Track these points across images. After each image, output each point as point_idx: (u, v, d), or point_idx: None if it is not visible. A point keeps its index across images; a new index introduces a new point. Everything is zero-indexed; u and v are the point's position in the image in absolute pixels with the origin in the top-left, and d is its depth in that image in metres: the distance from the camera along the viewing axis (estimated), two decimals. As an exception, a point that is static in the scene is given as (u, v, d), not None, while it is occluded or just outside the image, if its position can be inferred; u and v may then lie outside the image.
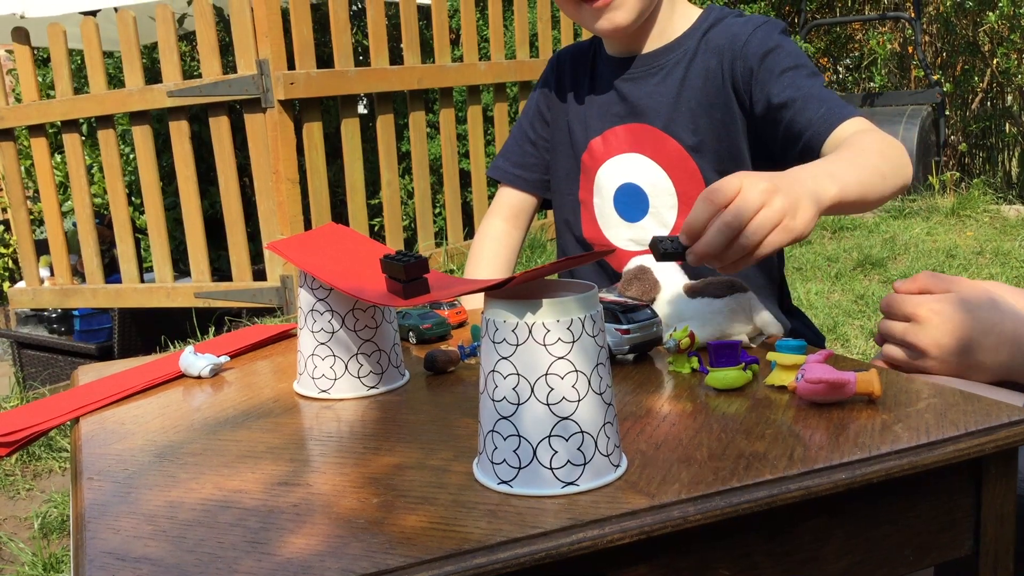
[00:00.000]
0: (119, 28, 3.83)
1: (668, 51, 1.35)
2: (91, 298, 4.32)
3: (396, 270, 0.90)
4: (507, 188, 1.53)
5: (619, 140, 1.37)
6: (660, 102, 1.33)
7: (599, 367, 0.71)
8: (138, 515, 0.71)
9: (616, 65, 1.39)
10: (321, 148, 3.83)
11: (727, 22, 1.33)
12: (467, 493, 0.70)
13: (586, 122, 1.41)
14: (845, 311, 3.41)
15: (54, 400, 1.02)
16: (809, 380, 0.83)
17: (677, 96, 1.32)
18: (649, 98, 1.34)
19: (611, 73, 1.39)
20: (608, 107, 1.38)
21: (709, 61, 1.30)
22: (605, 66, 1.41)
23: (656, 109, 1.33)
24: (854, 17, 6.22)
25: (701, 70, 1.31)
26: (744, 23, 1.31)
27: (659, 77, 1.34)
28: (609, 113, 1.38)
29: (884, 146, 1.11)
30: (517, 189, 1.52)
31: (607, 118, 1.38)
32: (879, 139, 1.12)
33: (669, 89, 1.33)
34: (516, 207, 1.53)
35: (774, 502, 0.69)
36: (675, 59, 1.34)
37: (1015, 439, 0.77)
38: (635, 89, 1.36)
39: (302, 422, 0.90)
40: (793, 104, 1.21)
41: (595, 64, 1.43)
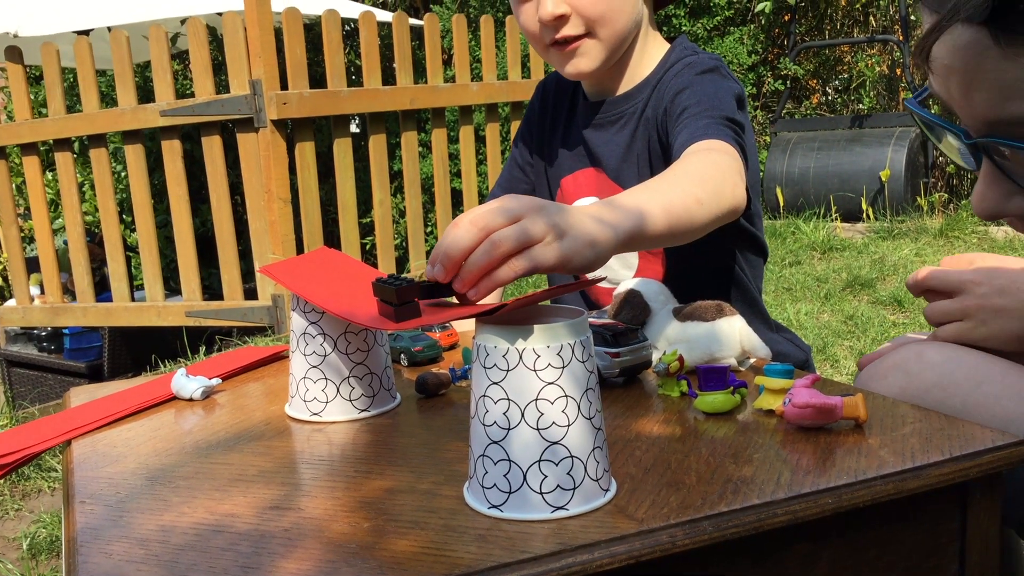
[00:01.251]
0: (112, 47, 3.85)
1: (630, 98, 1.35)
2: (81, 316, 4.31)
3: (387, 293, 0.90)
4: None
5: (587, 182, 1.40)
6: (613, 152, 1.35)
7: (589, 392, 0.72)
8: (130, 539, 0.71)
9: (588, 110, 1.40)
10: (313, 168, 3.84)
11: (678, 66, 1.31)
12: (457, 517, 0.71)
13: (558, 162, 1.43)
14: (834, 331, 3.42)
15: (46, 422, 1.03)
16: (796, 404, 0.84)
17: (628, 146, 1.34)
18: (605, 146, 1.36)
19: (582, 117, 1.41)
20: (577, 149, 1.41)
21: (657, 111, 1.30)
22: (581, 108, 1.42)
23: (608, 158, 1.36)
24: (843, 40, 6.28)
25: (651, 119, 1.31)
26: (684, 67, 1.30)
27: (617, 126, 1.35)
28: (578, 155, 1.41)
29: (706, 169, 1.06)
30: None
31: (576, 160, 1.41)
32: (705, 162, 1.07)
33: (622, 139, 1.34)
34: None
35: (761, 527, 0.70)
36: (632, 108, 1.34)
37: (999, 463, 0.78)
38: (596, 136, 1.38)
39: (294, 445, 0.90)
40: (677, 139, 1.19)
41: (574, 102, 1.44)
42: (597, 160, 1.38)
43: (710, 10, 5.55)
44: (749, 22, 5.99)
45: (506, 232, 0.75)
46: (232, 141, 3.87)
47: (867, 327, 3.42)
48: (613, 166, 1.35)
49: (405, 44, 4.19)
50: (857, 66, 6.11)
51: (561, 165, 1.42)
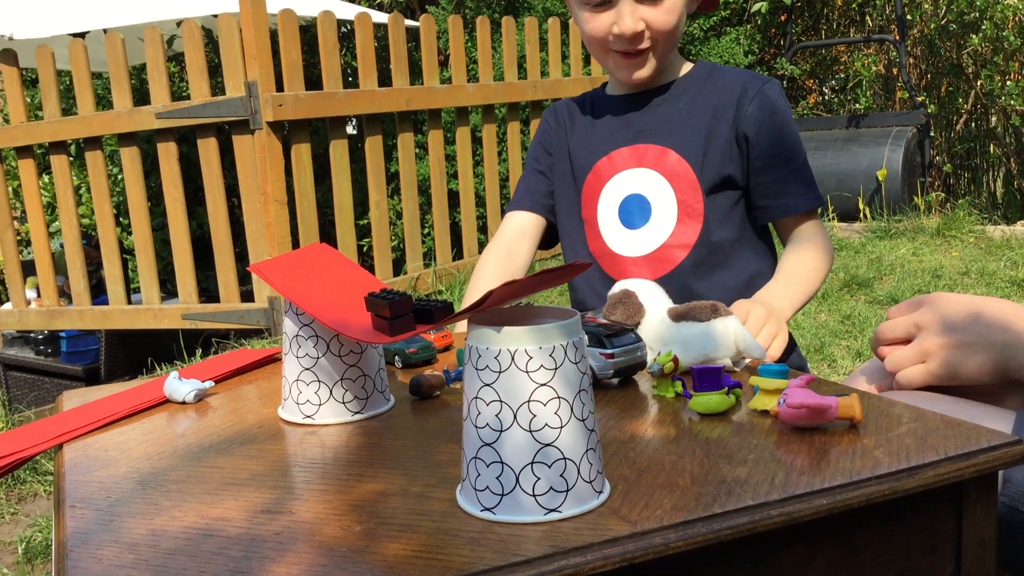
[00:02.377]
0: (107, 50, 3.84)
1: (671, 88, 1.49)
2: (78, 320, 4.31)
3: (380, 308, 0.91)
4: (513, 213, 1.60)
5: (624, 159, 1.48)
6: (667, 124, 1.46)
7: (581, 393, 0.71)
8: (120, 544, 0.70)
9: (621, 100, 1.52)
10: (309, 169, 3.84)
11: (728, 69, 1.51)
12: (450, 520, 0.70)
13: (590, 147, 1.51)
14: (832, 331, 3.42)
15: (38, 426, 1.02)
16: (791, 405, 0.84)
17: (683, 121, 1.45)
18: (656, 121, 1.47)
19: (616, 105, 1.52)
20: (613, 132, 1.50)
21: (718, 100, 1.44)
22: (608, 103, 1.53)
23: (663, 129, 1.46)
24: (839, 40, 6.28)
25: (709, 105, 1.44)
26: (752, 75, 1.47)
27: (665, 105, 1.48)
28: (615, 137, 1.49)
29: (821, 262, 1.41)
30: (522, 210, 1.58)
31: (612, 141, 1.49)
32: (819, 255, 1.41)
33: (676, 114, 1.46)
34: (520, 228, 1.58)
35: (756, 528, 0.69)
36: (677, 92, 1.48)
37: (995, 463, 0.78)
38: (642, 115, 1.49)
39: (286, 448, 0.90)
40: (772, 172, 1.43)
41: (595, 104, 1.56)
42: (648, 133, 1.47)
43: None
44: (746, 22, 5.98)
45: None
46: (228, 143, 3.86)
47: (864, 327, 3.42)
48: (670, 135, 1.45)
49: (401, 45, 4.19)
50: (854, 66, 6.11)
51: (593, 151, 1.51)
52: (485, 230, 4.83)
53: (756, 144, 1.42)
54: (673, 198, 1.44)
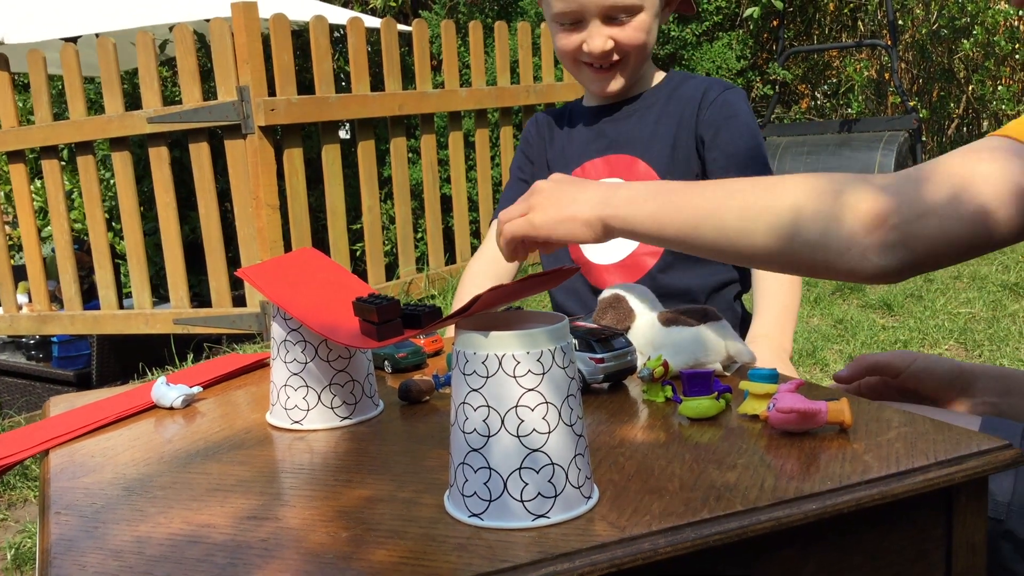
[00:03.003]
0: (99, 55, 3.83)
1: (643, 99, 1.53)
2: (69, 324, 4.29)
3: (368, 313, 0.90)
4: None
5: (597, 170, 1.51)
6: (637, 135, 1.50)
7: (569, 398, 0.71)
8: (105, 550, 0.70)
9: (595, 111, 1.56)
10: (302, 174, 3.83)
11: (697, 78, 1.53)
12: (438, 526, 0.70)
13: (566, 158, 1.55)
14: (824, 335, 3.42)
15: (25, 431, 1.01)
16: (780, 409, 0.84)
17: (652, 131, 1.49)
18: (627, 132, 1.51)
19: (591, 117, 1.56)
20: (587, 143, 1.54)
21: (682, 109, 1.48)
22: (583, 114, 1.58)
23: (634, 140, 1.50)
24: (831, 44, 6.30)
25: (675, 114, 1.48)
26: (716, 82, 1.49)
27: (635, 116, 1.51)
28: (589, 148, 1.53)
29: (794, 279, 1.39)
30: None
31: (586, 152, 1.53)
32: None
33: (645, 124, 1.50)
34: None
35: (745, 533, 0.69)
36: (648, 103, 1.52)
37: (985, 468, 0.78)
38: (615, 126, 1.52)
39: (274, 454, 0.89)
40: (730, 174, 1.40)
41: (572, 116, 1.60)
42: (620, 145, 1.51)
43: (699, 16, 5.57)
44: (738, 27, 6.00)
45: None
46: (220, 148, 3.85)
47: (856, 331, 3.43)
48: (640, 146, 1.48)
49: (394, 50, 4.18)
50: (846, 71, 6.13)
51: (569, 160, 1.55)
52: (478, 235, 4.83)
53: (712, 147, 1.43)
54: None
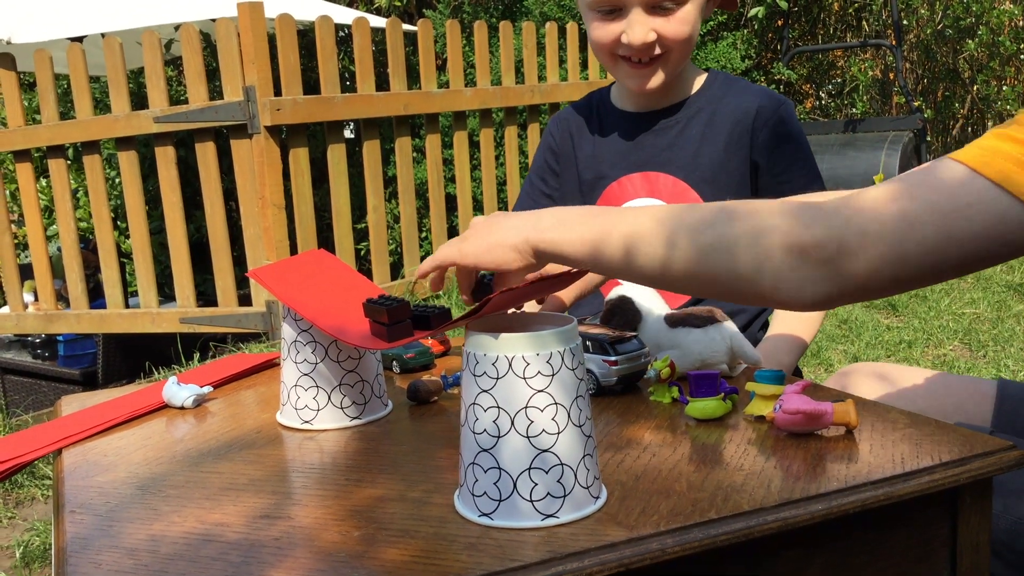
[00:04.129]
0: (105, 54, 3.84)
1: (682, 107, 1.42)
2: (75, 323, 4.30)
3: (378, 314, 0.91)
4: None
5: (635, 186, 1.42)
6: (680, 152, 1.40)
7: (578, 399, 0.72)
8: (120, 549, 0.71)
9: (631, 118, 1.45)
10: (307, 174, 3.84)
11: (742, 86, 1.42)
12: (448, 526, 0.71)
13: (598, 169, 1.46)
14: (829, 336, 3.43)
15: (37, 431, 1.02)
16: (787, 411, 0.84)
17: (697, 148, 1.39)
18: (668, 146, 1.41)
19: (626, 125, 1.45)
20: (624, 156, 1.44)
21: (731, 127, 1.38)
22: (617, 118, 1.47)
23: (676, 157, 1.40)
24: (836, 44, 6.29)
25: (722, 132, 1.38)
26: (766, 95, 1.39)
27: (676, 130, 1.41)
28: (625, 161, 1.43)
29: None
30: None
31: (622, 165, 1.43)
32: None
33: (688, 141, 1.40)
34: None
35: (751, 533, 0.70)
36: (690, 114, 1.41)
37: (989, 469, 0.78)
38: (654, 138, 1.42)
39: (285, 453, 0.90)
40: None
41: (602, 117, 1.49)
42: (661, 163, 1.41)
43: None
44: (742, 27, 6.00)
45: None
46: (226, 147, 3.86)
47: (861, 331, 3.43)
48: (684, 168, 1.39)
49: (399, 50, 4.19)
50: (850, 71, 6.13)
51: (602, 174, 1.45)
52: (483, 234, 4.83)
53: (767, 171, 1.37)
54: None
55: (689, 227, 0.85)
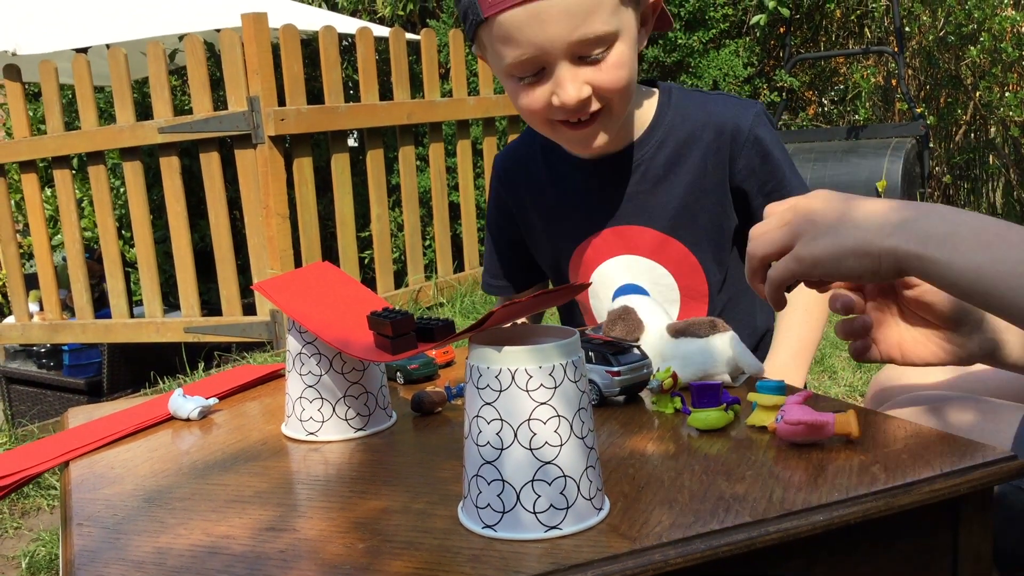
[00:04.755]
0: (110, 66, 3.86)
1: (642, 145, 1.29)
2: (80, 333, 4.32)
3: (383, 327, 0.92)
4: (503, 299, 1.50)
5: (609, 245, 1.32)
6: (649, 198, 1.29)
7: (581, 412, 0.72)
8: (127, 562, 0.71)
9: (585, 168, 1.31)
10: (311, 183, 3.85)
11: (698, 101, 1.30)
12: (452, 537, 0.71)
13: (563, 230, 1.35)
14: (832, 343, 3.43)
15: (45, 443, 1.03)
16: (788, 421, 0.85)
17: (667, 190, 1.28)
18: (637, 198, 1.29)
19: (583, 176, 1.32)
20: (590, 211, 1.32)
21: (705, 157, 1.27)
22: (570, 168, 1.33)
23: (647, 205, 1.29)
24: (838, 51, 6.30)
25: (691, 161, 1.28)
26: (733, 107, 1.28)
27: (638, 175, 1.29)
28: (593, 217, 1.32)
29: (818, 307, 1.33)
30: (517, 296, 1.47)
31: (591, 222, 1.32)
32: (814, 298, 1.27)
33: (654, 182, 1.29)
34: None
35: (754, 544, 0.70)
36: (648, 154, 1.29)
37: (990, 479, 0.79)
38: (616, 192, 1.30)
39: (290, 465, 0.91)
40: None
41: (552, 165, 1.35)
42: (631, 215, 1.30)
43: (705, 23, 5.58)
44: (744, 35, 6.01)
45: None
46: (230, 157, 3.88)
47: (865, 338, 3.43)
48: (660, 219, 1.29)
49: (402, 59, 4.21)
50: (853, 77, 6.13)
51: (570, 235, 1.34)
52: (486, 242, 4.85)
53: (758, 193, 1.27)
54: (675, 285, 1.32)
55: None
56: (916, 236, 0.76)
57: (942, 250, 0.75)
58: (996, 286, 0.73)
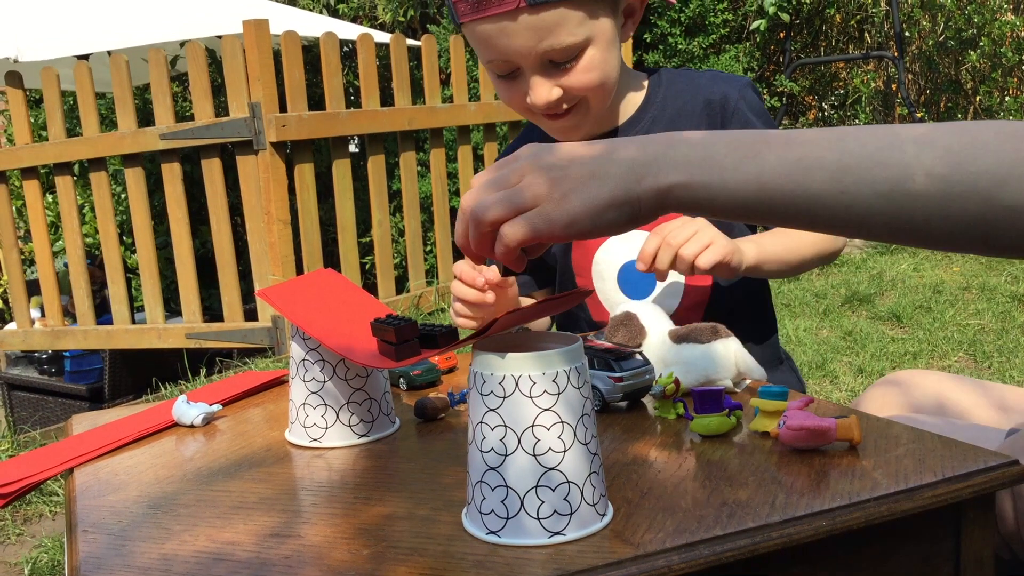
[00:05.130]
0: (112, 72, 3.87)
1: (634, 123, 1.32)
2: (82, 339, 4.32)
3: (386, 333, 0.92)
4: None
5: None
6: None
7: (584, 418, 0.73)
8: (132, 568, 0.72)
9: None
10: (312, 189, 3.86)
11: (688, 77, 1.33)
12: (456, 543, 0.72)
13: None
14: (833, 347, 3.43)
15: (49, 450, 1.03)
16: (791, 427, 0.85)
17: None
18: None
19: None
20: None
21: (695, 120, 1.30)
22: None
23: None
24: (838, 56, 6.32)
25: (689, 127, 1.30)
26: (723, 80, 1.32)
27: None
28: None
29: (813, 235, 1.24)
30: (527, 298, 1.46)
31: None
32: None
33: None
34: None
35: (757, 550, 0.70)
36: (644, 129, 1.31)
37: (992, 484, 0.79)
38: None
39: (294, 472, 0.91)
40: None
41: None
42: None
43: (705, 28, 5.59)
44: (745, 40, 6.02)
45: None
46: (232, 162, 3.89)
47: (866, 343, 3.43)
48: None
49: (403, 65, 4.22)
50: (853, 82, 6.14)
51: None
52: (487, 248, 4.85)
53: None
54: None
55: (917, 139, 0.64)
56: (674, 167, 0.69)
57: (708, 173, 0.69)
58: (779, 190, 0.67)
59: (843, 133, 0.68)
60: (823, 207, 0.67)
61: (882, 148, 0.66)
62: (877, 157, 0.66)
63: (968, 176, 0.63)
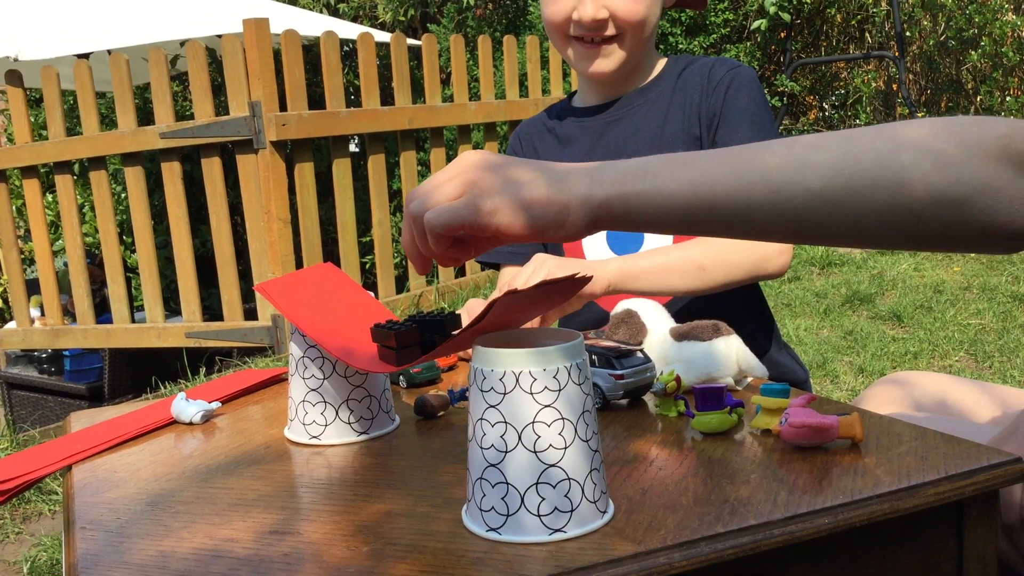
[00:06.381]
0: (112, 71, 3.87)
1: (646, 90, 1.40)
2: (82, 338, 4.32)
3: (387, 338, 0.92)
4: (507, 267, 1.50)
5: None
6: (645, 137, 1.36)
7: (585, 414, 0.72)
8: (130, 565, 0.71)
9: (591, 112, 1.42)
10: (313, 188, 3.86)
11: (701, 60, 1.40)
12: (456, 541, 0.71)
13: None
14: (834, 347, 3.42)
15: (47, 447, 1.03)
16: (792, 424, 0.85)
17: (661, 129, 1.35)
18: (635, 135, 1.37)
19: (585, 118, 1.42)
20: (586, 151, 1.40)
21: (688, 96, 1.35)
22: (576, 116, 1.43)
23: (642, 143, 1.36)
24: (839, 56, 6.31)
25: (680, 105, 1.36)
26: (720, 62, 1.37)
27: (641, 114, 1.38)
28: (589, 157, 1.38)
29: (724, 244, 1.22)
30: (517, 265, 1.48)
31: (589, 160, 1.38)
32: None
33: (652, 124, 1.36)
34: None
35: (758, 547, 0.70)
36: (654, 97, 1.38)
37: (995, 482, 0.79)
38: (619, 130, 1.38)
39: (293, 469, 0.91)
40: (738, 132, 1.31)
41: (564, 121, 1.45)
42: (626, 151, 1.36)
43: (707, 28, 5.59)
44: (745, 39, 6.02)
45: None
46: (232, 162, 3.88)
47: (867, 342, 3.43)
48: (649, 150, 1.34)
49: (403, 64, 4.21)
50: (853, 82, 6.14)
51: None
52: (487, 247, 4.85)
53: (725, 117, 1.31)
54: None
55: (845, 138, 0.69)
56: (610, 179, 0.70)
57: (644, 182, 0.69)
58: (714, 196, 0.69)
59: (774, 141, 0.72)
60: (757, 209, 0.70)
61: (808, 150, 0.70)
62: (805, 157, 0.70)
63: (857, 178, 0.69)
